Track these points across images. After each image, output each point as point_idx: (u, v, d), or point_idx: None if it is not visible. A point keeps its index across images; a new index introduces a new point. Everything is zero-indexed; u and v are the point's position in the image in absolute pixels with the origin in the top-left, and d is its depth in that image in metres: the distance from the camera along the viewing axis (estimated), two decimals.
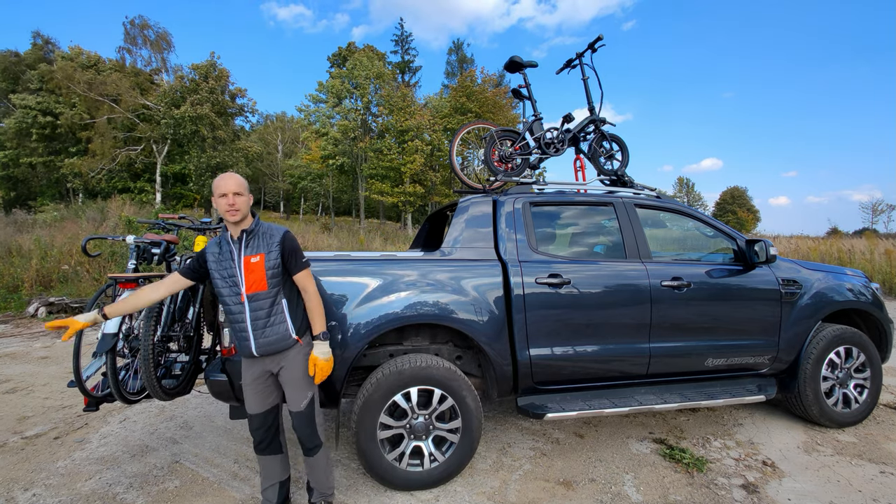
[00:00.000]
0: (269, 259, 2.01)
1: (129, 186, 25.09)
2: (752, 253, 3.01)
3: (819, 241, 15.52)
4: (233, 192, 1.99)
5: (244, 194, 2.02)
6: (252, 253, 2.02)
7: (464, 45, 42.88)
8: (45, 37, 28.27)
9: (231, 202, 1.98)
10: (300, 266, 2.06)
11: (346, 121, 26.69)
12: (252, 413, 2.12)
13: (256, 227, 2.07)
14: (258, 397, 2.11)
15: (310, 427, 2.10)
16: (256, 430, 2.13)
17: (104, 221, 12.03)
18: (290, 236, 2.09)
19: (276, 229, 2.09)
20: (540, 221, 2.95)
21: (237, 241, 2.05)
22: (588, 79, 3.69)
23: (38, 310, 7.26)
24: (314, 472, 2.17)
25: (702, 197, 65.11)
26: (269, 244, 2.04)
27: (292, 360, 2.07)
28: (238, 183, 2.02)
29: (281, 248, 2.04)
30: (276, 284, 2.03)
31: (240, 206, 1.99)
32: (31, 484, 2.54)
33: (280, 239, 2.05)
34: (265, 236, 2.06)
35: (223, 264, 2.04)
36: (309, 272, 2.09)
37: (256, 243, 2.04)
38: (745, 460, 2.81)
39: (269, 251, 2.02)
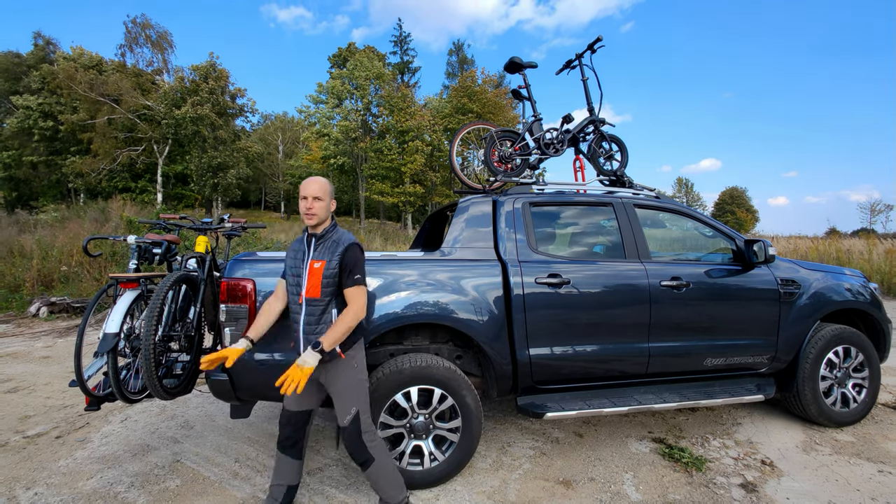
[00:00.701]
0: (328, 267, 1.99)
1: (131, 186, 25.13)
2: (751, 253, 3.03)
3: (818, 241, 15.52)
4: (312, 196, 2.00)
5: (324, 199, 2.03)
6: (317, 258, 2.02)
7: (464, 46, 42.90)
8: (47, 37, 28.28)
9: (309, 206, 2.01)
10: (352, 281, 2.00)
11: (347, 121, 26.72)
12: (285, 407, 2.14)
13: (328, 234, 2.07)
14: (296, 396, 2.10)
15: (355, 443, 2.04)
16: (284, 426, 2.15)
17: (107, 222, 12.05)
18: (353, 249, 2.02)
19: (345, 239, 2.04)
20: (539, 221, 2.96)
21: (308, 244, 2.07)
22: (587, 79, 3.70)
23: (39, 309, 7.27)
24: (374, 484, 2.13)
25: (701, 197, 65.11)
26: (333, 252, 2.01)
27: (336, 373, 2.03)
28: (320, 188, 2.02)
29: (340, 259, 2.00)
30: (329, 294, 2.00)
31: (317, 210, 2.01)
32: (33, 483, 2.55)
33: (343, 249, 2.01)
34: (334, 244, 2.03)
35: (295, 262, 2.09)
36: (361, 290, 2.00)
37: (324, 249, 2.03)
38: (744, 459, 2.82)
39: (330, 259, 2.00)
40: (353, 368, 2.04)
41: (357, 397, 2.04)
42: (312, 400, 2.15)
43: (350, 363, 2.04)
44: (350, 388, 2.03)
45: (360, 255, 2.05)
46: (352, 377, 2.04)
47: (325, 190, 2.05)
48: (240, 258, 2.46)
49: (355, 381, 2.05)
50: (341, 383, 2.03)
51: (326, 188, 2.06)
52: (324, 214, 2.05)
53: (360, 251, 2.05)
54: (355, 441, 2.04)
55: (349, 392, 2.03)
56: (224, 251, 3.98)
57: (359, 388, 2.06)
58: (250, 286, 2.34)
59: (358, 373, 2.07)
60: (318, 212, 2.02)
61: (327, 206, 2.05)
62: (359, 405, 2.04)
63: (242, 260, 2.44)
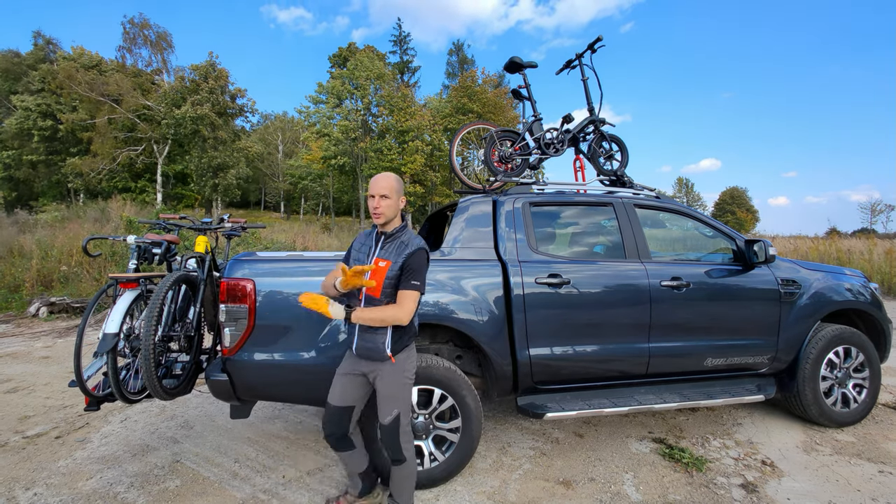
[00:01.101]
0: (392, 269, 1.95)
1: (130, 186, 25.15)
2: (752, 253, 3.02)
3: (818, 241, 15.52)
4: (380, 194, 1.95)
5: (391, 197, 1.97)
6: (383, 257, 1.98)
7: (464, 46, 42.95)
8: (47, 37, 28.32)
9: (376, 205, 1.97)
10: (408, 284, 1.93)
11: (347, 121, 26.72)
12: (329, 402, 2.11)
13: (397, 234, 2.02)
14: (341, 391, 2.08)
15: (393, 442, 2.04)
16: (327, 422, 2.11)
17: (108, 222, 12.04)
18: (419, 254, 1.95)
19: (413, 242, 1.98)
20: (540, 221, 2.96)
21: (377, 241, 2.05)
22: (587, 79, 3.70)
23: (39, 310, 7.27)
24: (393, 483, 2.12)
25: (701, 197, 65.21)
26: (399, 254, 1.96)
27: (385, 375, 2.01)
28: (387, 185, 1.97)
29: (404, 261, 1.94)
30: (388, 295, 1.96)
31: (384, 209, 1.97)
32: (33, 483, 2.55)
33: (409, 252, 1.95)
34: (401, 245, 1.98)
35: (359, 256, 2.07)
36: (413, 296, 1.93)
37: (391, 249, 1.99)
38: (745, 460, 2.82)
39: (395, 260, 1.96)
40: (402, 373, 2.02)
41: (401, 400, 2.03)
42: (356, 396, 2.11)
43: (399, 367, 2.01)
44: (395, 392, 2.01)
45: (425, 262, 1.98)
46: (398, 381, 2.02)
47: (392, 187, 1.98)
48: (239, 258, 2.45)
49: (401, 385, 2.03)
50: (388, 386, 2.01)
51: (394, 185, 1.99)
52: (392, 213, 2.00)
53: (426, 257, 1.98)
54: (392, 439, 2.04)
55: (394, 395, 2.01)
56: (224, 251, 3.98)
57: (403, 392, 2.04)
58: (250, 286, 2.33)
59: (405, 378, 2.04)
60: (385, 211, 1.97)
61: (395, 205, 2.00)
62: (401, 408, 2.03)
63: (242, 260, 2.44)
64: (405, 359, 2.04)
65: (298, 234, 16.20)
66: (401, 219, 2.08)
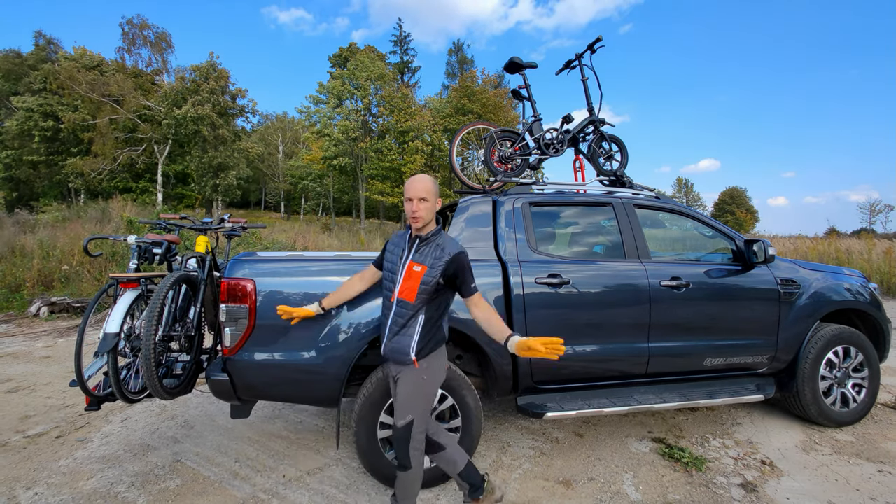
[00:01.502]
0: (428, 273, 1.90)
1: (131, 186, 25.16)
2: (751, 253, 3.03)
3: (817, 241, 15.52)
4: (419, 197, 1.91)
5: (429, 200, 1.93)
6: (418, 261, 1.93)
7: (464, 46, 42.95)
8: (48, 37, 28.34)
9: (415, 209, 1.92)
10: (470, 290, 1.91)
11: (347, 121, 26.73)
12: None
13: (432, 238, 1.97)
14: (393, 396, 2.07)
15: (402, 447, 1.98)
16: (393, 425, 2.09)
17: (108, 222, 12.05)
18: (461, 258, 1.91)
19: (451, 246, 1.93)
20: (539, 221, 2.96)
21: (411, 244, 2.01)
22: (587, 80, 3.70)
23: (39, 310, 7.27)
24: (397, 486, 2.08)
25: (700, 197, 65.16)
26: (436, 258, 1.91)
27: (406, 377, 1.97)
28: (425, 188, 1.93)
29: (444, 268, 1.89)
30: (422, 301, 1.92)
31: (422, 213, 1.93)
32: (33, 483, 2.55)
33: (449, 258, 1.89)
34: (437, 249, 1.93)
35: (394, 258, 2.03)
36: (477, 297, 1.93)
37: (426, 253, 1.94)
38: (744, 459, 2.82)
39: (432, 266, 1.90)
40: (423, 379, 1.96)
41: (417, 407, 1.97)
42: None
43: (421, 373, 1.95)
44: (413, 396, 1.96)
45: (469, 263, 1.94)
46: (418, 386, 1.96)
47: (430, 190, 1.94)
48: (240, 258, 2.46)
49: (420, 391, 1.96)
50: (407, 390, 1.97)
51: (431, 188, 1.95)
52: (429, 216, 1.95)
53: (468, 258, 1.94)
54: (402, 445, 1.98)
55: (412, 399, 1.96)
56: (224, 251, 3.98)
57: (421, 399, 1.98)
58: (250, 286, 2.34)
59: (426, 384, 1.98)
60: (423, 214, 1.93)
61: (433, 208, 1.95)
62: (416, 415, 1.97)
63: (242, 260, 2.44)
64: (429, 366, 1.96)
65: (299, 234, 16.21)
66: (436, 222, 2.02)
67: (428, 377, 1.98)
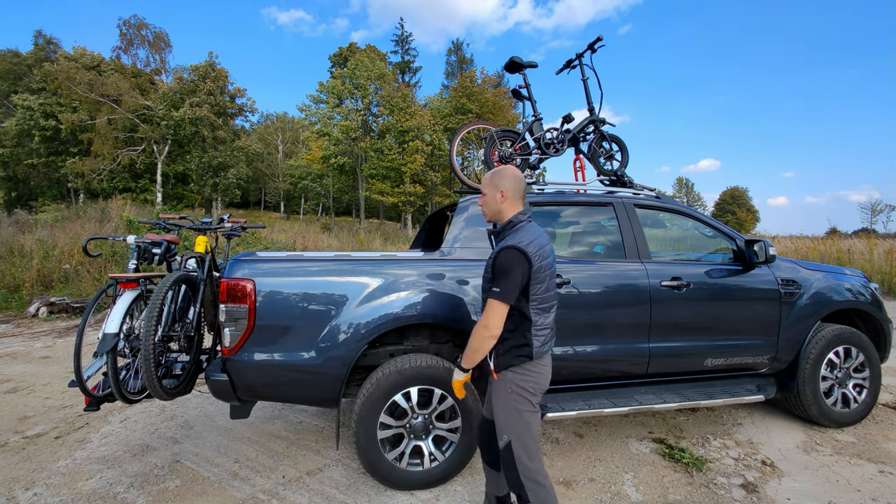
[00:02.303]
0: (485, 269, 1.80)
1: (131, 186, 25.15)
2: (752, 253, 3.02)
3: (818, 241, 15.52)
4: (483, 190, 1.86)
5: (486, 192, 1.84)
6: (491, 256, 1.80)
7: (463, 46, 42.94)
8: (48, 37, 28.33)
9: (480, 202, 1.89)
10: (489, 292, 1.72)
11: (347, 121, 26.73)
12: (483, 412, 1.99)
13: (502, 231, 1.85)
14: (486, 399, 1.96)
15: (510, 474, 1.78)
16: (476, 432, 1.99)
17: (108, 222, 12.04)
18: (502, 254, 1.70)
19: (509, 239, 1.75)
20: (540, 221, 2.95)
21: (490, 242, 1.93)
22: (588, 79, 3.69)
23: (38, 310, 7.26)
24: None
25: (701, 197, 65.22)
26: (490, 256, 1.79)
27: (495, 392, 1.80)
28: (483, 181, 1.87)
29: (489, 267, 1.77)
30: (484, 300, 1.79)
31: (482, 206, 1.88)
32: (32, 483, 2.55)
33: (493, 256, 1.75)
34: (502, 242, 1.78)
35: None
36: (492, 305, 1.68)
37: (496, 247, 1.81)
38: (745, 460, 2.81)
39: (486, 264, 1.81)
40: (507, 393, 1.74)
41: (509, 426, 1.76)
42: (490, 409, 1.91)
43: (504, 386, 1.76)
44: (502, 414, 1.76)
45: (510, 262, 1.68)
46: (504, 402, 1.76)
47: (485, 182, 1.85)
48: (239, 258, 2.45)
49: (506, 408, 1.76)
50: (497, 405, 1.80)
51: (487, 179, 1.84)
52: (491, 210, 1.85)
53: (511, 256, 1.68)
54: (509, 472, 1.79)
55: (501, 417, 1.77)
56: (224, 251, 3.97)
57: (512, 416, 1.76)
58: (250, 286, 2.33)
59: (513, 400, 1.75)
60: (483, 207, 1.88)
61: (493, 199, 1.83)
62: (511, 435, 1.75)
63: (242, 260, 2.44)
64: (513, 378, 1.75)
65: (298, 234, 16.20)
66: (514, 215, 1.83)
67: (516, 392, 1.75)
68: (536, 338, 1.75)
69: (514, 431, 1.76)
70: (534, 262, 1.69)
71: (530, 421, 1.76)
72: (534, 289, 1.72)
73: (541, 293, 1.74)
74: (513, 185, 1.82)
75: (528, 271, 1.69)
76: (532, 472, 1.74)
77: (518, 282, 1.68)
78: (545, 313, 1.77)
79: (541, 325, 1.76)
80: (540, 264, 1.71)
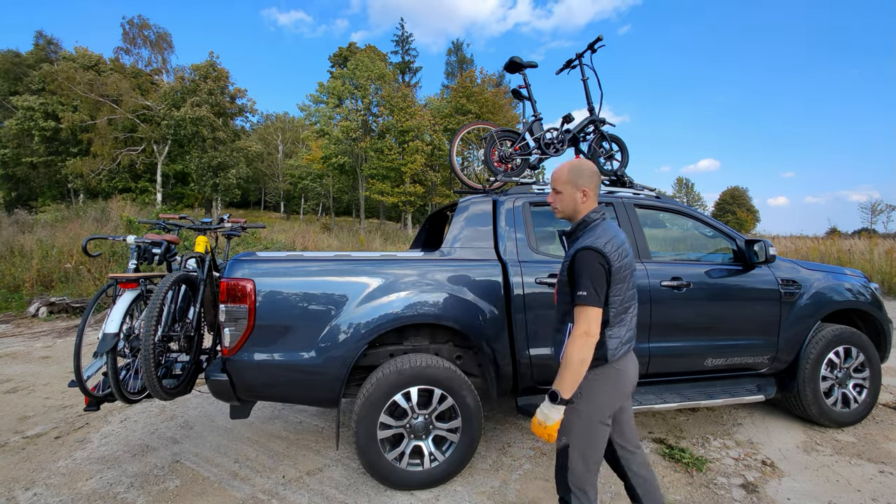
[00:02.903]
0: (560, 272, 1.72)
1: (131, 186, 25.14)
2: (752, 253, 3.02)
3: (818, 241, 15.52)
4: (552, 188, 1.76)
5: (562, 191, 1.73)
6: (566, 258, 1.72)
7: (463, 46, 42.93)
8: (48, 37, 28.33)
9: (551, 200, 1.79)
10: (574, 296, 1.60)
11: (348, 121, 26.73)
12: None
13: (575, 231, 1.75)
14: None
15: (560, 476, 1.71)
16: None
17: (108, 221, 12.05)
18: (581, 255, 1.61)
19: (585, 239, 1.65)
20: (540, 221, 2.96)
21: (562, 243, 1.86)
22: (588, 79, 3.69)
23: (38, 310, 7.26)
24: None
25: (701, 197, 65.22)
26: (566, 255, 1.71)
27: None
28: (557, 177, 1.75)
29: (566, 267, 1.68)
30: (564, 305, 1.70)
31: (556, 205, 1.77)
32: (32, 483, 2.55)
33: (571, 255, 1.65)
34: (577, 242, 1.68)
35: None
36: (582, 311, 1.57)
37: (570, 247, 1.73)
38: (745, 460, 2.81)
39: (562, 263, 1.72)
40: (577, 396, 1.64)
41: (569, 430, 1.66)
42: None
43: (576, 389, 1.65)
44: (566, 417, 1.64)
45: (590, 263, 1.59)
46: (571, 406, 1.65)
47: (561, 179, 1.73)
48: (239, 258, 2.45)
49: (574, 412, 1.65)
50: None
51: (563, 176, 1.72)
52: (566, 208, 1.74)
53: (590, 258, 1.59)
54: (559, 473, 1.72)
55: (565, 420, 1.64)
56: (224, 251, 3.97)
57: (575, 422, 1.66)
58: (250, 286, 2.33)
59: (581, 403, 1.65)
60: (557, 206, 1.77)
61: (571, 198, 1.72)
62: (570, 439, 1.67)
63: (242, 260, 2.44)
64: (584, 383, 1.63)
65: (298, 234, 16.20)
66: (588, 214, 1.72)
67: (584, 394, 1.66)
68: (612, 339, 1.66)
69: (575, 437, 1.67)
70: (613, 262, 1.60)
71: (594, 429, 1.67)
72: (613, 289, 1.63)
73: (620, 292, 1.65)
74: (593, 181, 1.72)
75: (609, 272, 1.61)
76: (583, 482, 1.67)
77: (602, 283, 1.60)
78: (623, 313, 1.67)
79: (618, 325, 1.67)
80: (619, 264, 1.62)
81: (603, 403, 1.67)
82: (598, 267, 1.59)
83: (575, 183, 1.71)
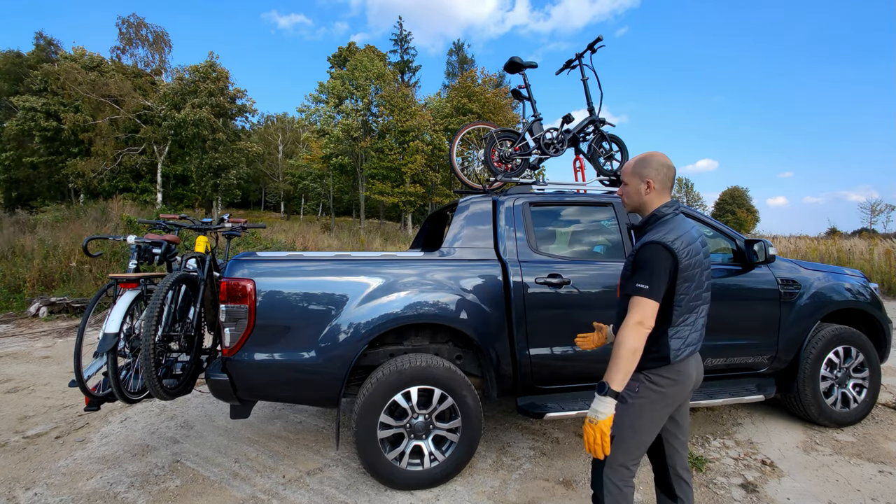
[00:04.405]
0: (625, 266, 1.68)
1: (131, 186, 25.13)
2: (751, 253, 3.02)
3: (818, 241, 15.52)
4: (622, 179, 1.73)
5: (628, 183, 1.69)
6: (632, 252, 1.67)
7: (464, 46, 42.94)
8: (49, 37, 28.31)
9: (620, 192, 1.76)
10: (631, 287, 1.54)
11: (348, 121, 26.74)
12: None
13: (645, 226, 1.69)
14: None
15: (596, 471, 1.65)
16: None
17: (108, 222, 12.05)
18: (646, 248, 1.56)
19: (654, 233, 1.59)
20: (540, 221, 2.96)
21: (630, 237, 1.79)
22: (587, 80, 3.69)
23: (39, 310, 7.27)
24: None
25: (701, 197, 65.21)
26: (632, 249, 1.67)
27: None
28: (625, 169, 1.72)
29: (629, 262, 1.64)
30: (623, 297, 1.64)
31: (623, 197, 1.74)
32: (33, 483, 2.55)
33: (637, 247, 1.61)
34: (645, 236, 1.63)
35: None
36: (637, 303, 1.51)
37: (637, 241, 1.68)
38: (745, 460, 2.82)
39: (630, 254, 1.67)
40: (627, 398, 1.60)
41: (622, 423, 1.58)
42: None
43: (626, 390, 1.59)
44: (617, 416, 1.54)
45: (655, 257, 1.53)
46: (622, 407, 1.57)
47: (627, 170, 1.69)
48: (239, 258, 2.46)
49: (624, 414, 1.58)
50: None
51: (629, 167, 1.69)
52: (632, 200, 1.70)
53: (654, 252, 1.54)
54: (595, 467, 1.66)
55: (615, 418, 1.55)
56: (224, 251, 3.98)
57: (624, 423, 1.59)
58: (250, 286, 2.34)
59: (632, 408, 1.59)
60: (624, 198, 1.73)
61: (635, 189, 1.67)
62: (618, 432, 1.58)
63: (242, 260, 2.44)
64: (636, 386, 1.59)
65: (298, 234, 16.21)
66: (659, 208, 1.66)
67: (639, 389, 1.60)
68: (675, 339, 1.60)
69: (619, 438, 1.58)
70: (681, 259, 1.53)
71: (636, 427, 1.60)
72: (680, 287, 1.56)
73: (689, 291, 1.58)
74: (661, 173, 1.65)
75: (674, 269, 1.54)
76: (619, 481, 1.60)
77: (663, 279, 1.52)
78: (688, 313, 1.61)
79: (682, 325, 1.60)
80: (687, 262, 1.54)
81: (658, 401, 1.61)
82: (662, 262, 1.53)
83: (640, 174, 1.66)
